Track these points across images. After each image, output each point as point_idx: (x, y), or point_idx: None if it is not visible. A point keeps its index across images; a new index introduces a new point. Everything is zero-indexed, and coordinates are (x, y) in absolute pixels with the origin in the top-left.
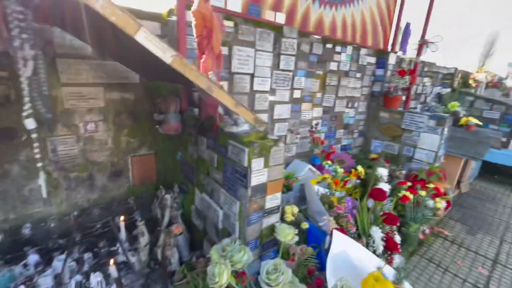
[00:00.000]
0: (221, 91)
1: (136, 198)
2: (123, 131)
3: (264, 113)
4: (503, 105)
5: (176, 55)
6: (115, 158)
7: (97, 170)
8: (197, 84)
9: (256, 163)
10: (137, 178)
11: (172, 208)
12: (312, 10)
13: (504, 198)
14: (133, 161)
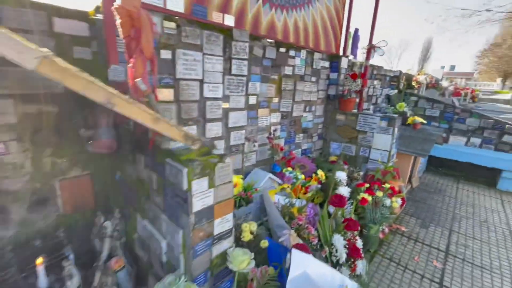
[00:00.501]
0: (128, 104)
1: (69, 229)
2: (46, 151)
3: (217, 121)
4: (442, 104)
5: (45, 57)
6: (36, 184)
7: (12, 201)
8: (89, 97)
9: (198, 184)
10: (68, 204)
11: (113, 238)
12: (263, 12)
13: (448, 189)
14: (61, 185)
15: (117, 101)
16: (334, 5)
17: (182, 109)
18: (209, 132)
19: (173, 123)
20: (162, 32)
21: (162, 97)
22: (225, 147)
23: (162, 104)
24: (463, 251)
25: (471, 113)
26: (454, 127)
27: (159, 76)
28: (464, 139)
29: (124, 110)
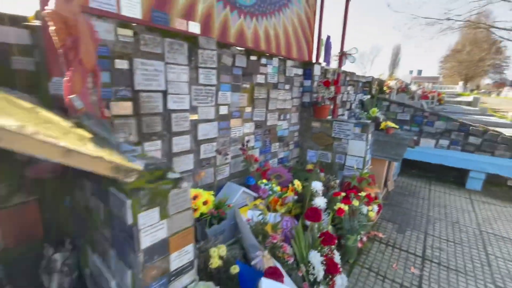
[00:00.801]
0: (19, 135)
1: (10, 266)
2: None
3: (185, 134)
4: (411, 108)
5: None
6: None
7: None
8: None
9: (146, 217)
10: (10, 236)
11: (62, 273)
12: (231, 20)
13: (422, 191)
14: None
15: (3, 135)
16: (305, 13)
17: (143, 123)
18: (175, 146)
19: (98, 153)
20: (116, 40)
21: (118, 111)
22: (195, 161)
23: (119, 119)
24: (438, 254)
25: (438, 116)
26: (424, 130)
27: (114, 89)
28: (433, 141)
29: (12, 144)
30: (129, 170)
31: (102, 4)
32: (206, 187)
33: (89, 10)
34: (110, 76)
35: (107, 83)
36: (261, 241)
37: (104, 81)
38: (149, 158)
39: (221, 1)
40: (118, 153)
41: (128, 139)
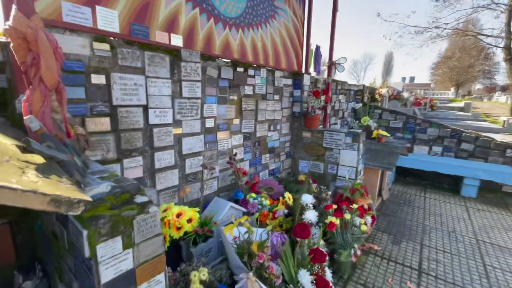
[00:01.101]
0: None
1: None
2: None
3: (169, 149)
4: (404, 115)
5: None
6: None
7: None
8: None
9: (106, 248)
10: None
11: None
12: (216, 32)
13: (417, 200)
14: None
15: None
16: (293, 24)
17: (122, 139)
18: (158, 162)
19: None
20: (92, 55)
21: (95, 128)
22: (180, 176)
23: (95, 135)
24: (435, 267)
25: (431, 123)
26: (417, 137)
27: (90, 104)
28: (426, 148)
29: None
30: (74, 202)
31: (77, 18)
32: (193, 203)
33: (62, 25)
34: (85, 92)
35: (81, 99)
36: (247, 261)
37: (78, 97)
38: (117, 179)
39: (204, 13)
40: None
41: (105, 157)
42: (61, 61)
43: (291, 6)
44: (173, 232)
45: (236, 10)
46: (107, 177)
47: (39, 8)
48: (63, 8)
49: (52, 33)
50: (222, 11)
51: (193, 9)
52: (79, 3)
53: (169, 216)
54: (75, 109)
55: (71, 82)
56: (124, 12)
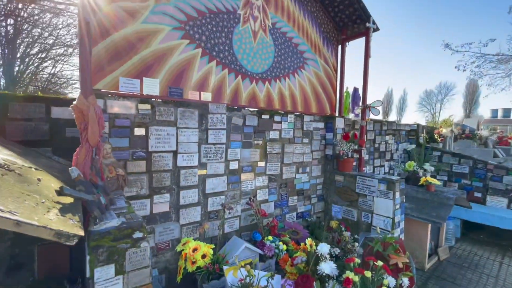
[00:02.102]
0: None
1: None
2: None
3: (193, 188)
4: (470, 159)
5: None
6: (16, 249)
7: None
8: None
9: (102, 272)
10: (42, 270)
11: None
12: (243, 86)
13: (488, 265)
14: (39, 250)
15: None
16: (325, 71)
17: (154, 178)
18: (183, 199)
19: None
20: (137, 114)
21: (133, 169)
22: (203, 213)
23: (133, 175)
24: None
25: (507, 170)
26: (490, 186)
27: (132, 151)
28: (505, 200)
29: None
30: (70, 236)
31: (129, 88)
32: (214, 239)
33: (118, 94)
34: (128, 142)
35: (125, 147)
36: None
37: (123, 145)
38: (130, 216)
39: (233, 73)
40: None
41: (139, 193)
42: (103, 127)
43: (322, 56)
44: (188, 265)
45: (263, 67)
46: (124, 213)
47: (104, 83)
48: (120, 82)
49: (99, 106)
50: (249, 68)
51: (222, 70)
52: (131, 77)
53: (186, 249)
54: (120, 154)
55: (119, 134)
56: (164, 79)
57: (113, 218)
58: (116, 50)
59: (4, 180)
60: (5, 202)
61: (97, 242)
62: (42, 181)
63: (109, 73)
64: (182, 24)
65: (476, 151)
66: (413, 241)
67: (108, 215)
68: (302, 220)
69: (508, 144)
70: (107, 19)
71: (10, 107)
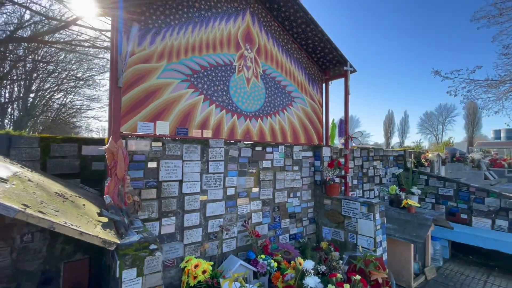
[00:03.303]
0: (63, 226)
1: None
2: (59, 239)
3: (195, 212)
4: (454, 182)
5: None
6: (47, 266)
7: (26, 279)
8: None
9: (127, 273)
10: (67, 284)
11: None
12: (238, 124)
13: (473, 284)
14: (65, 267)
15: (56, 226)
16: (311, 107)
17: (163, 204)
18: (187, 221)
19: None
20: (150, 150)
21: (147, 196)
22: (203, 234)
23: (146, 201)
24: None
25: (488, 192)
26: (474, 208)
27: (145, 181)
28: (488, 221)
29: (60, 229)
30: (112, 243)
31: (145, 130)
32: (213, 258)
33: (136, 135)
34: (143, 173)
35: (140, 177)
36: None
37: (139, 176)
38: (146, 233)
39: (229, 113)
40: (117, 232)
41: (150, 216)
42: (127, 164)
43: (308, 94)
44: (190, 280)
45: (255, 106)
46: (141, 231)
47: (126, 127)
48: (138, 125)
49: (125, 148)
50: (244, 108)
51: (220, 111)
52: (147, 121)
53: (189, 266)
54: (136, 184)
55: (136, 167)
56: (173, 122)
57: (134, 235)
58: (137, 100)
59: (65, 205)
60: (71, 219)
61: (125, 251)
62: (86, 206)
63: (130, 119)
64: (188, 77)
65: (467, 173)
66: (399, 260)
67: (130, 232)
68: (295, 241)
69: (502, 166)
70: (132, 76)
71: (51, 147)
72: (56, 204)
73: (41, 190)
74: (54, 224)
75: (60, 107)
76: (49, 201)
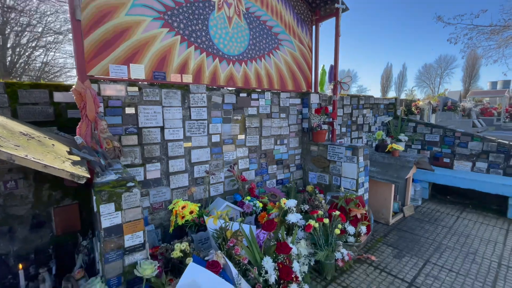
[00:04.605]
0: (23, 158)
1: (59, 247)
2: (45, 186)
3: (180, 158)
4: (441, 128)
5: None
6: (36, 211)
7: (18, 223)
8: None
9: (104, 208)
10: (59, 227)
11: (84, 254)
12: (220, 68)
13: (446, 219)
14: (55, 212)
15: (15, 158)
16: (299, 50)
17: (145, 150)
18: (172, 167)
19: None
20: (126, 95)
21: (127, 142)
22: (190, 179)
23: (127, 148)
24: (431, 282)
25: (472, 137)
26: (457, 152)
27: (125, 127)
28: (469, 164)
29: (21, 162)
30: (81, 176)
31: (118, 73)
32: (201, 201)
33: (109, 79)
34: (121, 119)
35: (119, 124)
36: (222, 244)
37: (117, 122)
38: (125, 174)
39: (210, 56)
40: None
41: (133, 162)
42: (98, 105)
43: (296, 37)
44: (178, 220)
45: (239, 49)
46: (120, 172)
47: (97, 70)
48: (110, 68)
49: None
50: (226, 51)
51: (200, 54)
52: (119, 64)
53: (176, 207)
54: (114, 130)
55: (113, 113)
56: (148, 65)
57: (111, 174)
58: (105, 40)
59: (30, 143)
60: (35, 154)
61: (100, 188)
62: (55, 146)
63: (100, 61)
64: (161, 14)
65: (456, 122)
66: (380, 200)
67: (108, 173)
68: (282, 186)
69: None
70: (96, 13)
71: (19, 93)
72: (18, 140)
73: (1, 128)
74: (13, 156)
75: (42, 66)
76: (10, 137)
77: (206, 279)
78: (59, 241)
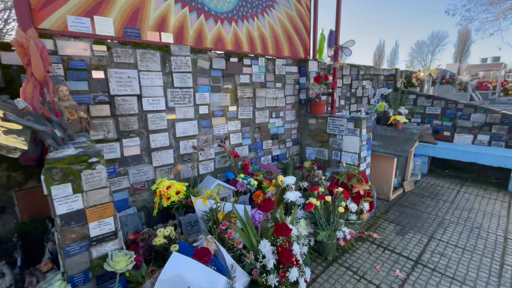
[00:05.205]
0: None
1: (26, 235)
2: (1, 165)
3: (163, 132)
4: (442, 101)
5: None
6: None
7: None
8: None
9: (58, 189)
10: (25, 213)
11: (53, 242)
12: (207, 27)
13: (447, 193)
14: (18, 195)
15: None
16: (297, 12)
17: (120, 122)
18: (153, 142)
19: None
20: (92, 55)
21: (98, 113)
22: (175, 156)
23: (98, 119)
24: (437, 260)
25: (475, 108)
26: (458, 125)
27: (93, 95)
28: (470, 137)
29: None
30: (11, 148)
31: (79, 27)
32: (189, 180)
33: (68, 34)
34: (88, 85)
35: (85, 90)
36: (212, 227)
37: (82, 89)
38: (89, 148)
39: (194, 11)
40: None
41: (106, 136)
42: (48, 61)
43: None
44: (163, 201)
45: (228, 5)
46: (84, 147)
47: (51, 22)
48: (68, 21)
49: (41, 40)
50: (213, 7)
51: (182, 8)
52: (80, 15)
53: (160, 187)
54: (80, 98)
55: (76, 77)
56: (118, 18)
57: (69, 148)
58: None
59: None
60: None
61: (51, 165)
62: None
63: (54, 10)
64: None
65: (453, 95)
66: (381, 176)
67: (66, 147)
68: (278, 163)
69: (487, 89)
70: None
71: None
72: None
73: None
74: None
75: None
76: None
77: (194, 271)
78: (25, 228)
